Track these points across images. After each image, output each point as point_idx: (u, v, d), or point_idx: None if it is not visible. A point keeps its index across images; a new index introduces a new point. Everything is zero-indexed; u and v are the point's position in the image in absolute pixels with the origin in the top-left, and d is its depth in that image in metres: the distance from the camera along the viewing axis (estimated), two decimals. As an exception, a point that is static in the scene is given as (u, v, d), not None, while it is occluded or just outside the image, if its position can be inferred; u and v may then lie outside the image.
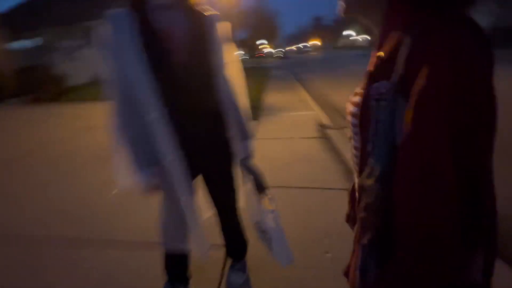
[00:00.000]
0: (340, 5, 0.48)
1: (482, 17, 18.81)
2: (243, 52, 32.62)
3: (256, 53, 25.04)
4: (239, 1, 12.44)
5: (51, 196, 2.52)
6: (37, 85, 8.68)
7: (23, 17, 13.18)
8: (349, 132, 0.54)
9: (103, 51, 0.81)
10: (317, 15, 72.33)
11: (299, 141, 3.57)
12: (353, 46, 49.10)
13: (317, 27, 68.25)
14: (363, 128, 0.44)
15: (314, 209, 2.08)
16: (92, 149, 3.70)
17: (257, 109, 5.60)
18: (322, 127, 4.12)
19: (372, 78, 0.43)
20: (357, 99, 0.47)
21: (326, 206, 2.11)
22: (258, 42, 25.79)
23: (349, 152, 0.59)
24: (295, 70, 16.91)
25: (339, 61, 21.38)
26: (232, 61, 1.00)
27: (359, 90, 0.49)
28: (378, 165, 0.40)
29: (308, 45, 69.81)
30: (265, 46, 32.07)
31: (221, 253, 1.47)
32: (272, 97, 7.12)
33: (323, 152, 3.18)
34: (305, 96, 6.83)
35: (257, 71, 17.12)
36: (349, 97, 0.53)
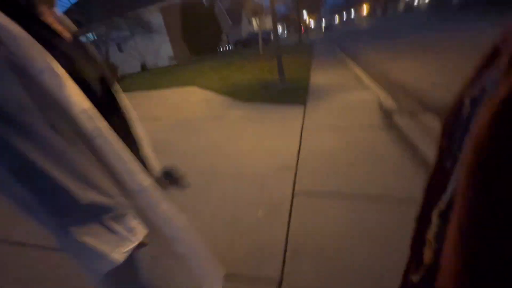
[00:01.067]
0: None
1: None
2: (283, 29, 30.79)
3: (301, 27, 23.33)
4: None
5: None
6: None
7: (75, 14, 14.16)
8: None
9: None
10: (367, -23, 63.72)
11: (359, 131, 2.93)
12: (412, 9, 42.39)
13: (367, -9, 60.47)
14: (447, 138, 0.32)
15: (389, 230, 1.54)
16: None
17: (303, 91, 4.97)
18: (386, 111, 3.35)
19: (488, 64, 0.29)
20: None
21: (407, 226, 1.55)
22: (302, 16, 23.90)
23: (428, 147, 0.76)
24: (343, 44, 15.20)
25: (397, 29, 18.58)
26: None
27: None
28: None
29: (356, 15, 62.95)
30: (307, 19, 29.73)
31: None
32: (320, 77, 6.33)
33: (392, 146, 2.51)
34: (358, 72, 5.88)
35: (300, 47, 15.94)
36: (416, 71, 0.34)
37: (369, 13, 60.64)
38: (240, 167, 2.54)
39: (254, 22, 30.54)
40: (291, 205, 1.88)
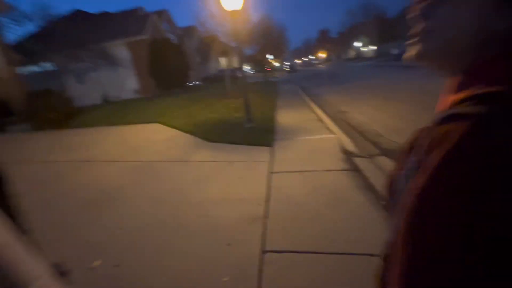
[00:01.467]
0: (413, 50, 0.38)
1: None
2: (250, 67, 32.74)
3: (266, 67, 24.97)
4: (249, 18, 12.27)
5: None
6: (48, 109, 8.51)
7: (35, 43, 13.44)
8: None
9: None
10: (323, 28, 72.95)
11: (324, 175, 2.98)
12: (362, 57, 48.81)
13: (323, 40, 68.52)
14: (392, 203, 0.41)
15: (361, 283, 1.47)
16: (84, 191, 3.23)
17: (269, 132, 5.08)
18: (348, 155, 3.53)
19: (411, 151, 0.39)
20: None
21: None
22: (267, 57, 25.79)
23: None
24: (304, 84, 16.51)
25: (348, 73, 20.92)
26: None
27: None
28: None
29: (315, 58, 70.27)
30: (272, 61, 32.20)
31: None
32: (284, 117, 6.61)
33: (357, 191, 2.58)
34: (320, 114, 6.28)
35: (265, 86, 16.86)
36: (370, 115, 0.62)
37: (326, 58, 68.21)
38: (205, 218, 2.35)
39: (223, 61, 32.06)
40: (261, 266, 1.73)
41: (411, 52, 0.39)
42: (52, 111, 7.84)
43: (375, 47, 45.11)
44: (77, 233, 2.30)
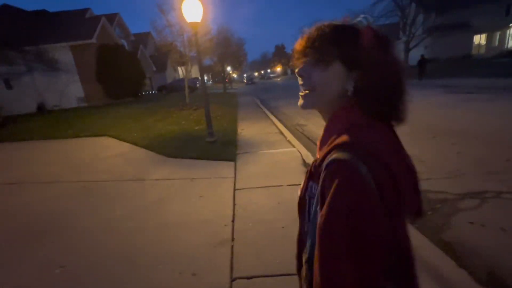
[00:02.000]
0: (300, 101, 0.60)
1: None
2: (207, 78, 32.52)
3: (226, 78, 25.07)
4: (209, 30, 12.20)
5: None
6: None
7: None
8: None
9: None
10: (279, 44, 76.89)
11: (289, 190, 3.02)
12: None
13: (280, 55, 72.08)
14: (301, 214, 0.64)
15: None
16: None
17: (231, 145, 5.02)
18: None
19: (310, 177, 0.59)
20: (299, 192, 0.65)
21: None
22: (226, 68, 25.93)
23: None
24: (263, 96, 16.95)
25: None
26: None
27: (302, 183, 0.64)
28: (309, 243, 0.56)
29: (272, 72, 73.26)
30: (230, 72, 32.51)
31: None
32: (245, 129, 6.62)
33: (320, 206, 2.66)
34: (280, 127, 6.46)
35: (224, 97, 16.84)
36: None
37: (282, 72, 71.63)
38: (166, 246, 2.15)
39: (180, 70, 31.17)
40: (230, 296, 1.62)
41: (300, 102, 0.60)
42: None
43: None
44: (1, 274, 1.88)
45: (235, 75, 44.05)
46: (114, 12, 20.65)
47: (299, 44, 0.59)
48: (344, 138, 0.50)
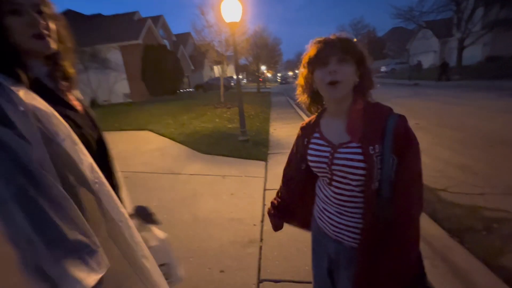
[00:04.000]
0: (336, 91, 0.79)
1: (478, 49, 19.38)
2: (241, 77, 33.02)
3: (260, 78, 25.23)
4: (246, 30, 12.36)
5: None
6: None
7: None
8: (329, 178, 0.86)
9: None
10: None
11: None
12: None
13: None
14: (368, 175, 0.75)
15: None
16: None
17: (263, 145, 5.01)
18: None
19: (366, 141, 0.76)
20: (355, 156, 0.77)
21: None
22: (261, 68, 26.07)
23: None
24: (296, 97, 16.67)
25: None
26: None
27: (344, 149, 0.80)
28: (386, 195, 0.75)
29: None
30: (265, 72, 32.60)
31: None
32: (278, 129, 6.58)
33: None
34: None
35: (258, 97, 16.93)
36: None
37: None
38: (197, 240, 2.21)
39: (216, 69, 32.13)
40: (256, 297, 1.61)
41: (332, 92, 0.80)
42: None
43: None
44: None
45: (269, 75, 44.14)
46: (159, 14, 22.01)
47: (322, 50, 0.80)
48: (386, 108, 0.80)
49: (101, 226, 0.69)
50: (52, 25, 0.72)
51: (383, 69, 33.53)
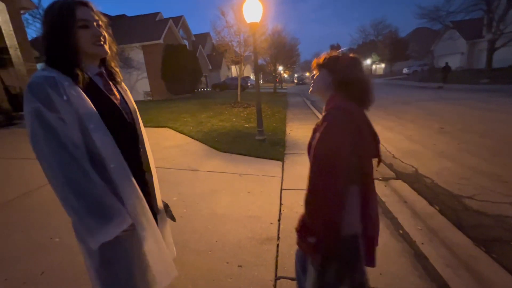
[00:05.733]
0: (310, 89, 1.11)
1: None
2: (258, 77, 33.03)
3: (277, 78, 25.17)
4: (266, 30, 12.38)
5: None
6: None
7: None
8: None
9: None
10: (335, 43, 73.53)
11: (338, 197, 2.88)
12: (371, 75, 48.89)
13: (334, 55, 68.94)
14: (309, 154, 1.02)
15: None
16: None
17: (280, 145, 5.02)
18: (362, 176, 3.43)
19: (315, 130, 0.99)
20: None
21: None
22: (278, 69, 26.01)
23: (406, 219, 1.72)
24: (313, 97, 16.49)
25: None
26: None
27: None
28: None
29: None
30: (282, 72, 32.44)
31: None
32: (294, 129, 6.55)
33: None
34: (331, 130, 6.20)
35: (274, 97, 16.92)
36: (383, 135, 2.16)
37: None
38: (216, 235, 2.27)
39: (233, 69, 32.42)
40: (274, 294, 1.63)
41: (310, 89, 1.11)
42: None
43: (383, 65, 45.25)
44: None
45: (286, 75, 43.92)
46: (180, 15, 22.53)
47: (312, 64, 1.09)
48: (333, 106, 0.96)
49: (122, 197, 0.88)
50: (105, 34, 0.90)
51: (405, 71, 32.39)
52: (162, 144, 5.26)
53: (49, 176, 0.79)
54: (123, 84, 1.03)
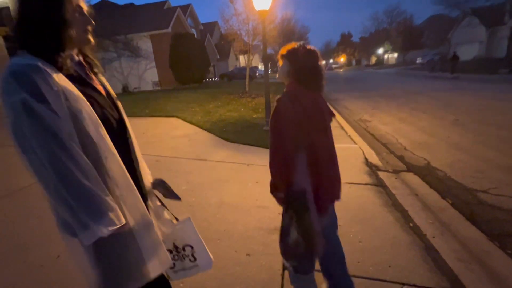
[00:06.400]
0: (278, 75, 1.29)
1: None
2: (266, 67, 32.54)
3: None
4: (275, 18, 12.10)
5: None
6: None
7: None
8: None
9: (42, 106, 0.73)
10: (346, 31, 71.09)
11: (347, 189, 2.85)
12: (383, 64, 47.36)
13: (345, 43, 66.95)
14: None
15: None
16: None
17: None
18: (372, 168, 3.38)
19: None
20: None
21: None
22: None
23: (416, 212, 1.72)
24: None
25: (368, 80, 20.36)
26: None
27: None
28: None
29: (334, 62, 69.10)
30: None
31: None
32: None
33: (383, 209, 2.44)
34: (340, 121, 6.10)
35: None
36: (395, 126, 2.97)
37: (345, 63, 66.84)
38: (224, 224, 2.29)
39: (241, 59, 32.03)
40: (282, 283, 1.65)
41: (277, 75, 1.30)
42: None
43: (396, 55, 43.73)
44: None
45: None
46: (187, 3, 22.21)
47: (278, 55, 1.26)
48: (287, 90, 1.18)
49: (114, 190, 0.85)
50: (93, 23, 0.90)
51: (418, 60, 31.24)
52: (171, 134, 5.30)
53: (38, 171, 0.75)
54: (100, 76, 0.99)
